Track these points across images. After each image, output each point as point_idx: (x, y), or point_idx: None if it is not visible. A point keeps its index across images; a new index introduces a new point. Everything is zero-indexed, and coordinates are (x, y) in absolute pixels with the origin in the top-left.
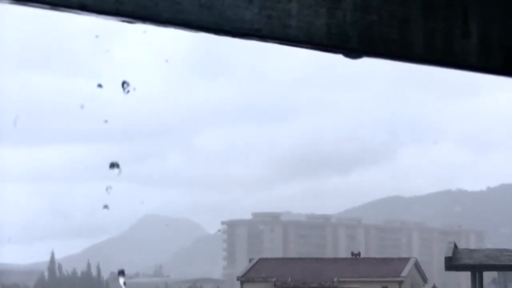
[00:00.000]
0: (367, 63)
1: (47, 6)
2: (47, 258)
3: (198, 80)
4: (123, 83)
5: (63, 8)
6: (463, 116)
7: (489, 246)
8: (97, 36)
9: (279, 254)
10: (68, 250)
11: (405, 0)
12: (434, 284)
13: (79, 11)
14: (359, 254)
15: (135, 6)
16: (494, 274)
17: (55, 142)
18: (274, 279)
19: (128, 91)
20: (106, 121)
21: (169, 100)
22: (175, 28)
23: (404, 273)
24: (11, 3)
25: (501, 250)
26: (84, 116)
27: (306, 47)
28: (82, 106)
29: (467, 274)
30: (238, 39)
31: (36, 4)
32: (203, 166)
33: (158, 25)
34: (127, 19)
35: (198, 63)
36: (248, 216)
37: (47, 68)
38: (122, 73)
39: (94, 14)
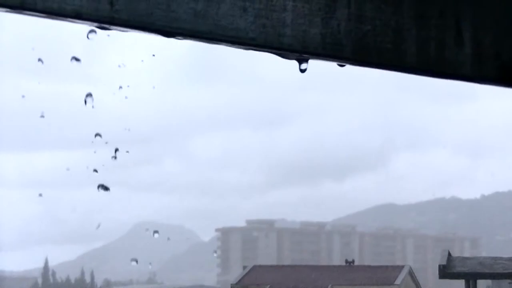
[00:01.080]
0: (363, 69)
1: (42, 14)
2: (41, 264)
3: (193, 85)
4: (87, 95)
5: (58, 17)
6: (458, 123)
7: (484, 253)
8: (89, 36)
9: (273, 261)
10: (62, 256)
11: (398, 10)
12: None
13: (74, 20)
14: (353, 261)
15: (130, 14)
16: (488, 282)
17: (50, 147)
18: (268, 286)
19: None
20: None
21: (164, 105)
22: (170, 36)
23: (398, 280)
24: (6, 11)
25: (495, 258)
26: (79, 121)
27: (300, 57)
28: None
29: (462, 282)
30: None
31: (31, 13)
32: (198, 172)
33: (153, 34)
34: (122, 28)
35: (193, 67)
36: (242, 223)
37: (44, 73)
38: (118, 78)
39: (89, 23)
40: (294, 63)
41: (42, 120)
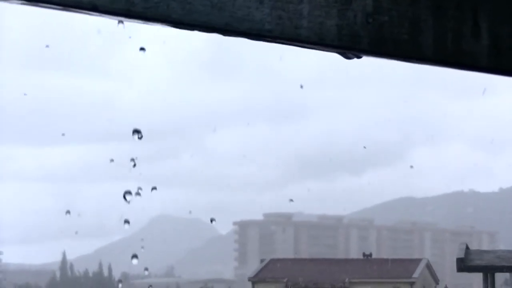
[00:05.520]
0: (380, 62)
1: (58, 7)
2: (59, 258)
3: (211, 79)
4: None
5: (74, 9)
6: (476, 116)
7: (502, 247)
8: (99, 31)
9: (291, 255)
10: (80, 250)
11: (415, 1)
12: (446, 285)
13: (90, 12)
14: (370, 255)
15: (146, 7)
16: (506, 275)
17: (68, 141)
18: (286, 279)
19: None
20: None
21: (181, 99)
22: (186, 28)
23: (416, 274)
24: (22, 3)
25: None
26: (97, 115)
27: (317, 48)
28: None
29: (480, 275)
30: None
31: (47, 5)
32: (215, 166)
33: (170, 26)
34: (138, 20)
35: (211, 61)
36: (259, 217)
37: (60, 67)
38: (134, 73)
39: (105, 15)
40: (312, 56)
41: (59, 115)
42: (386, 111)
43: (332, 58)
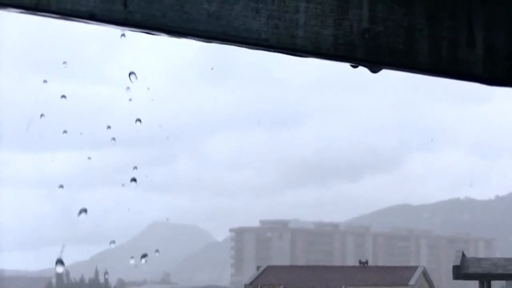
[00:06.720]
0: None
1: (56, 15)
2: (54, 264)
3: (207, 85)
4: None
5: (72, 18)
6: (472, 123)
7: (498, 254)
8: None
9: (287, 262)
10: (76, 256)
11: (410, 10)
12: None
13: (88, 21)
14: (367, 262)
15: (143, 15)
16: (502, 283)
17: (63, 147)
18: (282, 286)
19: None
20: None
21: (177, 105)
22: (183, 37)
23: (412, 281)
24: (21, 12)
25: (509, 259)
26: (92, 121)
27: (313, 57)
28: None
29: (476, 283)
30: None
31: (45, 14)
32: (211, 172)
33: (167, 35)
34: (135, 29)
35: (207, 68)
36: (256, 223)
37: (57, 73)
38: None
39: (103, 24)
40: (310, 63)
41: (57, 121)
42: (383, 117)
43: (329, 64)
